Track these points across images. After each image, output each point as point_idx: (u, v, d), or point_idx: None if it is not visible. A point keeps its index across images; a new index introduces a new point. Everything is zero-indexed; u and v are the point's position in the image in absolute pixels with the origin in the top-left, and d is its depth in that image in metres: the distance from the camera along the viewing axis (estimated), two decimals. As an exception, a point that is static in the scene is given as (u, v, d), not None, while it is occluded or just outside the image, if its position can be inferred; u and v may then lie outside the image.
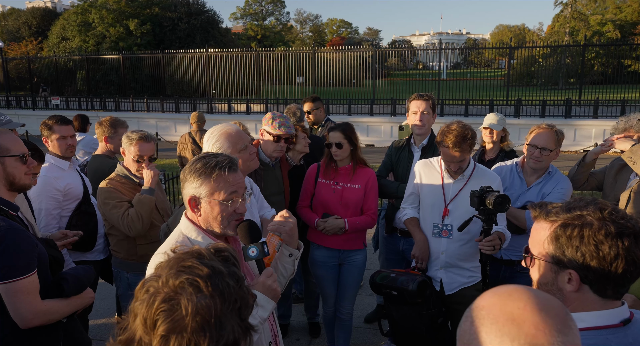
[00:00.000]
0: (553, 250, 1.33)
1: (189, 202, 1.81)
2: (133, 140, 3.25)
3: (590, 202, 1.34)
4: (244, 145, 2.58)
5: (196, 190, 1.78)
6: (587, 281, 1.31)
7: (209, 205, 1.79)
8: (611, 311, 1.32)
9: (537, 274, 1.40)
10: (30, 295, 2.03)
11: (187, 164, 1.85)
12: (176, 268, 1.06)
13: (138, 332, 1.02)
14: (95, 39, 37.05)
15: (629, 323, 1.32)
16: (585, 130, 15.70)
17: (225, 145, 2.53)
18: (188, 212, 1.87)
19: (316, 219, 3.51)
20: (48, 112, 20.03)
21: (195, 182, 1.78)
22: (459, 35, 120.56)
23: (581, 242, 1.28)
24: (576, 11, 48.89)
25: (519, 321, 0.90)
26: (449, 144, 2.90)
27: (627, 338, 1.30)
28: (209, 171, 1.77)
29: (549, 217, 1.36)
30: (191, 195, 1.80)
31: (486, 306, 0.96)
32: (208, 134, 2.61)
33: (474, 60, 58.65)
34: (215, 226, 1.82)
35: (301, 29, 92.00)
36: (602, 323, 1.28)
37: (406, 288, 2.95)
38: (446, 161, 3.04)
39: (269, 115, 3.43)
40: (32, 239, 2.08)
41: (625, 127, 3.04)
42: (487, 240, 2.80)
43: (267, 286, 1.78)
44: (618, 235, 1.26)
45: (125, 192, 3.22)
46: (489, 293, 1.00)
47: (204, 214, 1.81)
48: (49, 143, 3.57)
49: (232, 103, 19.72)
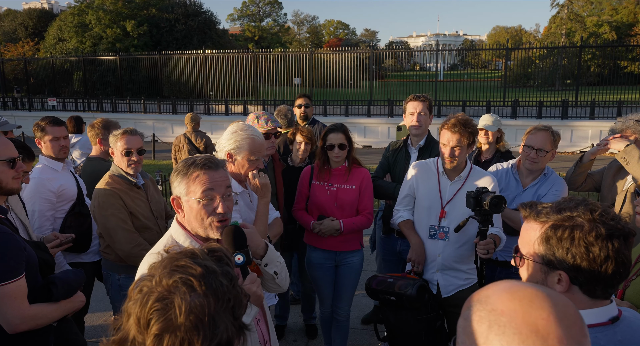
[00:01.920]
0: (543, 251, 1.33)
1: (172, 202, 1.84)
2: (117, 135, 3.20)
3: (580, 202, 1.34)
4: (257, 158, 2.63)
5: (176, 190, 1.81)
6: (576, 283, 1.31)
7: (187, 204, 1.80)
8: (599, 309, 1.33)
9: (527, 274, 1.40)
10: (17, 299, 1.99)
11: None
12: (170, 268, 1.06)
13: (131, 332, 1.02)
14: (92, 40, 37.05)
15: (617, 321, 1.33)
16: (581, 131, 15.75)
17: (245, 147, 2.58)
18: (178, 215, 1.87)
19: (312, 221, 3.50)
20: (44, 114, 19.87)
21: (175, 181, 1.82)
22: (456, 36, 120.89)
23: (572, 244, 1.28)
24: (573, 13, 49.12)
25: (543, 334, 0.86)
26: (449, 125, 2.95)
27: (615, 336, 1.30)
28: (185, 169, 1.79)
29: (539, 217, 1.36)
30: (173, 196, 1.83)
31: (507, 313, 0.90)
32: (235, 128, 2.64)
33: (471, 61, 58.84)
34: (197, 227, 1.81)
35: (298, 30, 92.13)
36: (590, 321, 1.27)
37: (405, 293, 2.92)
38: (442, 145, 3.04)
39: (252, 116, 3.42)
40: (19, 243, 2.04)
41: (622, 127, 3.04)
42: (481, 244, 2.80)
43: (252, 292, 1.74)
44: (608, 236, 1.26)
45: (124, 197, 3.15)
46: (504, 293, 0.94)
47: (186, 215, 1.82)
48: (42, 144, 3.54)
49: (229, 104, 19.72)
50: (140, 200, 3.24)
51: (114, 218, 3.07)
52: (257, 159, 2.64)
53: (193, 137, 7.37)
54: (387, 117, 17.72)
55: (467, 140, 2.97)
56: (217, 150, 2.69)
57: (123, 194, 3.15)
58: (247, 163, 2.61)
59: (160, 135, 18.00)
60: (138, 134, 3.27)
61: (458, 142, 2.95)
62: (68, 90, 28.72)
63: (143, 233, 3.19)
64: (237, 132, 2.62)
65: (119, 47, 34.75)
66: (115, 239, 3.09)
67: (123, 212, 3.11)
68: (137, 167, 3.23)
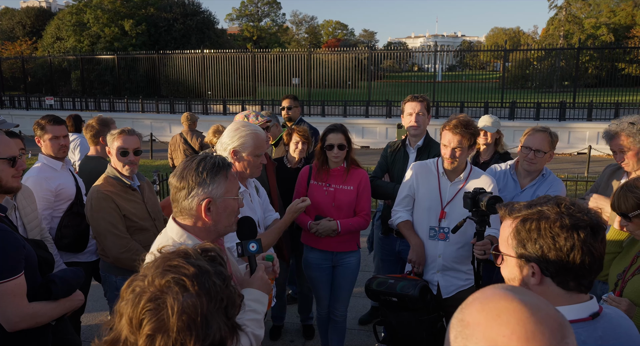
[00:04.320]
0: (515, 244, 1.38)
1: (204, 206, 1.72)
2: (115, 134, 3.16)
3: (551, 199, 1.39)
4: (261, 153, 2.65)
5: (212, 192, 1.73)
6: (547, 274, 1.34)
7: (224, 204, 1.77)
8: (580, 305, 1.36)
9: (506, 271, 1.45)
10: (16, 297, 1.99)
11: (184, 169, 1.76)
12: (162, 268, 1.05)
13: (124, 332, 1.01)
14: (90, 39, 36.94)
15: (597, 317, 1.36)
16: (579, 132, 15.79)
17: (250, 143, 2.60)
18: (182, 218, 1.78)
19: (309, 221, 3.50)
20: (42, 112, 19.89)
21: (209, 183, 1.73)
22: (454, 37, 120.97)
23: (539, 235, 1.33)
24: (570, 14, 49.19)
25: None
26: (450, 126, 2.95)
27: (596, 332, 1.33)
28: (225, 170, 1.77)
29: (512, 214, 1.41)
30: (207, 199, 1.73)
31: (471, 325, 0.87)
32: (237, 125, 2.65)
33: (469, 62, 58.88)
34: (227, 225, 1.81)
35: (297, 31, 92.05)
36: (571, 317, 1.30)
37: (407, 294, 2.91)
38: (443, 146, 3.04)
39: (241, 116, 3.39)
40: (19, 241, 2.04)
41: (616, 130, 3.04)
42: (478, 245, 2.80)
43: (264, 280, 1.82)
44: (573, 227, 1.30)
45: (118, 199, 3.11)
46: (477, 303, 0.90)
47: (215, 216, 1.76)
48: (41, 143, 3.54)
49: (227, 104, 19.68)
50: (136, 202, 3.19)
51: (103, 223, 3.03)
52: (261, 155, 2.65)
53: (189, 137, 7.39)
54: (385, 118, 17.72)
55: (468, 142, 2.98)
56: (218, 149, 2.68)
57: (116, 197, 3.09)
58: (253, 159, 2.62)
59: (158, 134, 17.96)
60: (136, 134, 3.23)
61: (459, 143, 2.96)
62: (66, 89, 28.65)
63: (139, 235, 3.15)
64: (240, 128, 2.63)
65: (117, 46, 34.61)
66: (105, 243, 3.07)
67: (114, 215, 3.05)
68: (133, 168, 3.18)
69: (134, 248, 3.06)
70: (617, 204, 2.26)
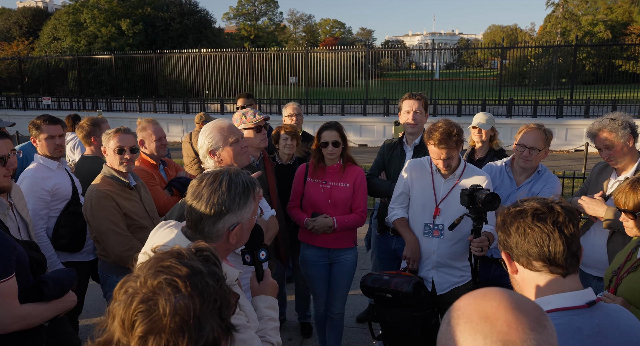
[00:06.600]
0: (502, 238, 1.48)
1: (235, 231, 1.66)
2: (110, 133, 3.16)
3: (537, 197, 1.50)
4: (236, 139, 2.62)
5: (243, 216, 1.67)
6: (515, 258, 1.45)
7: (249, 224, 1.72)
8: (576, 293, 1.40)
9: (508, 266, 1.51)
10: (7, 299, 1.96)
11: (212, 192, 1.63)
12: (155, 268, 1.04)
13: (116, 333, 1.01)
14: (87, 39, 36.84)
15: (594, 305, 1.39)
16: (576, 129, 15.80)
17: (217, 138, 2.58)
18: (226, 244, 1.71)
19: (305, 218, 3.51)
20: (39, 113, 19.71)
21: (241, 208, 1.66)
22: (451, 35, 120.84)
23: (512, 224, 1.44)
24: (568, 12, 49.18)
25: (492, 320, 0.92)
26: (434, 142, 2.92)
27: (592, 319, 1.36)
28: (251, 191, 1.69)
29: None
30: (238, 224, 1.66)
31: (462, 307, 0.98)
32: (203, 128, 2.66)
33: (466, 60, 58.92)
34: (245, 241, 1.77)
35: (294, 29, 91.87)
36: (567, 304, 1.36)
37: (401, 290, 2.92)
38: (434, 159, 3.05)
39: (238, 115, 3.38)
40: (9, 242, 2.02)
41: (599, 127, 3.05)
42: (475, 242, 2.81)
43: (274, 285, 1.85)
44: (523, 213, 1.42)
45: (117, 198, 3.10)
46: (466, 295, 1.02)
47: (239, 237, 1.70)
48: (37, 142, 3.53)
49: (225, 103, 19.66)
50: (134, 201, 3.20)
51: (105, 221, 3.03)
52: (238, 139, 2.62)
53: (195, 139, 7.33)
54: (382, 116, 17.72)
55: (456, 150, 2.98)
56: (200, 158, 2.67)
57: (116, 196, 3.09)
58: (232, 148, 2.58)
59: (156, 134, 17.91)
60: (131, 133, 3.25)
61: (448, 155, 2.96)
62: (63, 89, 28.57)
63: (139, 233, 3.14)
64: (203, 129, 2.64)
65: (114, 46, 34.49)
66: (107, 242, 3.06)
67: (116, 214, 3.06)
68: (130, 166, 3.19)
69: (137, 247, 3.06)
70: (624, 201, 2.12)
